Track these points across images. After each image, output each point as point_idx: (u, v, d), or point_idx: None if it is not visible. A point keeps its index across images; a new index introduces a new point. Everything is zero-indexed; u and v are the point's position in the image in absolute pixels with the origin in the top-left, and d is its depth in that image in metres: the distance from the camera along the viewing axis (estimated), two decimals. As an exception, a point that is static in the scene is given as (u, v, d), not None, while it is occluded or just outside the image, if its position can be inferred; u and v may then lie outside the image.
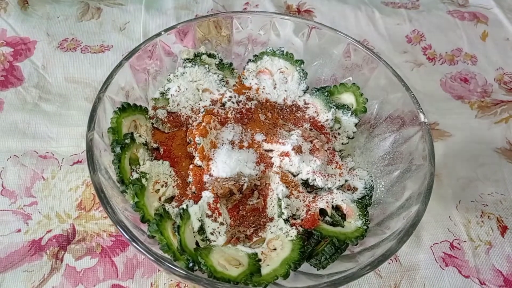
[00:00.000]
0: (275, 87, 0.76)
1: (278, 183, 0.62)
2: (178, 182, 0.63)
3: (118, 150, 0.59)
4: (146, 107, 0.70)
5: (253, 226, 0.60)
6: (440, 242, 0.75)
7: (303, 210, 0.61)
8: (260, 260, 0.54)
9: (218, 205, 0.58)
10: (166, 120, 0.69)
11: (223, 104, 0.71)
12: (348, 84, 0.75)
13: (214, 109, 0.69)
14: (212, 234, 0.56)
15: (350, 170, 0.69)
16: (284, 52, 0.77)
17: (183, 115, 0.70)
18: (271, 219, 0.61)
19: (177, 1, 1.08)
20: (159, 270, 0.67)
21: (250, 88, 0.75)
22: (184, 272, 0.48)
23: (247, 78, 0.77)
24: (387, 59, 0.74)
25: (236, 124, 0.68)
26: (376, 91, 0.74)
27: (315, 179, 0.63)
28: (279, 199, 0.60)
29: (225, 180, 0.60)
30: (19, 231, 0.69)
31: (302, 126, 0.72)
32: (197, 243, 0.55)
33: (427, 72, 1.03)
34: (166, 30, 0.73)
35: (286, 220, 0.59)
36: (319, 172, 0.63)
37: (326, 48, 0.79)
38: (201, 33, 0.79)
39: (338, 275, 0.51)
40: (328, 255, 0.56)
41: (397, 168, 0.67)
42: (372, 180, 0.67)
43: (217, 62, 0.77)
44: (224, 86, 0.74)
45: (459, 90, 1.00)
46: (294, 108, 0.75)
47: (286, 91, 0.76)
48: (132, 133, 0.62)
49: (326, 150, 0.68)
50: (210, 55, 0.77)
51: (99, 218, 0.71)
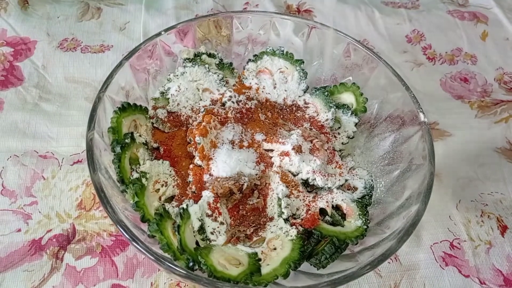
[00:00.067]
0: (275, 87, 0.76)
1: (278, 182, 0.62)
2: (178, 181, 0.63)
3: (118, 149, 0.59)
4: (146, 107, 0.70)
5: (253, 225, 0.60)
6: (440, 242, 0.75)
7: (303, 210, 0.61)
8: (260, 259, 0.54)
9: (218, 204, 0.58)
10: (166, 119, 0.69)
11: (223, 104, 0.71)
12: (348, 84, 0.75)
13: (214, 108, 0.69)
14: (212, 233, 0.56)
15: (350, 169, 0.69)
16: (284, 52, 0.77)
17: (183, 115, 0.70)
18: (271, 219, 0.61)
19: (177, 1, 1.08)
20: (159, 270, 0.67)
21: (250, 87, 0.75)
22: (184, 272, 0.48)
23: (247, 77, 0.77)
24: (387, 59, 0.74)
25: (236, 124, 0.68)
26: (376, 90, 0.74)
27: (315, 179, 0.63)
28: (279, 199, 0.60)
29: (225, 180, 0.60)
30: (19, 230, 0.69)
31: (302, 125, 0.72)
32: (197, 243, 0.55)
33: (427, 72, 1.02)
34: (166, 30, 0.73)
35: (286, 220, 0.59)
36: (319, 172, 0.63)
37: (326, 48, 0.79)
38: (201, 33, 0.79)
39: (338, 275, 0.51)
40: (328, 255, 0.56)
41: (397, 168, 0.67)
42: (372, 180, 0.67)
43: (217, 62, 0.77)
44: (224, 85, 0.74)
45: (459, 90, 1.00)
46: (294, 108, 0.75)
47: (286, 90, 0.76)
48: (132, 132, 0.62)
49: (326, 150, 0.68)
50: (210, 55, 0.77)
51: (99, 217, 0.71)
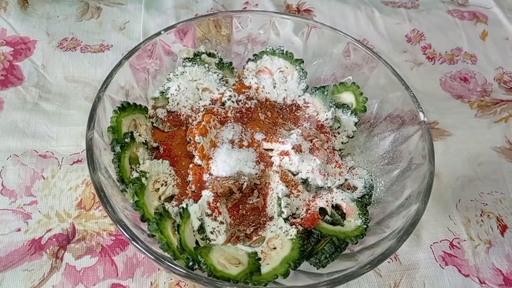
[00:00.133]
0: (274, 86, 0.76)
1: (278, 182, 0.62)
2: (178, 181, 0.63)
3: (118, 149, 0.59)
4: (146, 106, 0.70)
5: (253, 225, 0.60)
6: (440, 241, 0.75)
7: (303, 209, 0.61)
8: (260, 259, 0.54)
9: (218, 204, 0.58)
10: (166, 119, 0.69)
11: (223, 103, 0.71)
12: (348, 83, 0.75)
13: (214, 108, 0.69)
14: (212, 233, 0.56)
15: (350, 169, 0.69)
16: (284, 52, 0.77)
17: (183, 114, 0.70)
18: (271, 218, 0.61)
19: (177, 0, 1.08)
20: (159, 269, 0.67)
21: (250, 87, 0.75)
22: (184, 271, 0.48)
23: (246, 77, 0.77)
24: (387, 58, 0.74)
25: (236, 123, 0.68)
26: (375, 90, 0.74)
27: (315, 178, 0.63)
28: (279, 198, 0.60)
29: (225, 179, 0.60)
30: (19, 230, 0.69)
31: (302, 125, 0.72)
32: (197, 242, 0.55)
33: (427, 72, 1.02)
34: (166, 30, 0.73)
35: (286, 219, 0.59)
36: (319, 171, 0.63)
37: (325, 48, 0.79)
38: (201, 32, 0.79)
39: (338, 274, 0.51)
40: (328, 254, 0.56)
41: (396, 167, 0.67)
42: (371, 179, 0.67)
43: (217, 61, 0.77)
44: (224, 85, 0.74)
45: (459, 89, 1.00)
46: (294, 107, 0.75)
47: (285, 90, 0.76)
48: (132, 132, 0.62)
49: (325, 149, 0.68)
50: (210, 54, 0.77)
51: (99, 217, 0.71)
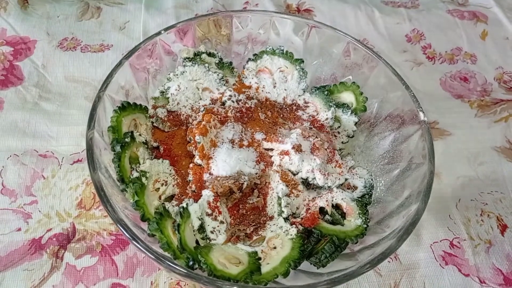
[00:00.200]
0: (275, 86, 0.76)
1: (278, 181, 0.62)
2: (178, 180, 0.63)
3: (118, 148, 0.59)
4: (146, 106, 0.70)
5: (253, 224, 0.60)
6: (440, 241, 0.75)
7: (303, 209, 0.61)
8: (260, 258, 0.54)
9: (218, 203, 0.58)
10: (166, 119, 0.69)
11: (223, 103, 0.71)
12: (348, 83, 0.75)
13: (214, 108, 0.69)
14: (212, 232, 0.56)
15: (350, 168, 0.69)
16: (284, 51, 0.77)
17: (183, 114, 0.70)
18: (271, 218, 0.61)
19: (177, 0, 1.08)
20: (159, 269, 0.67)
21: (250, 87, 0.75)
22: (184, 271, 0.48)
23: (247, 77, 0.77)
24: (387, 58, 0.74)
25: (236, 123, 0.68)
26: (375, 90, 0.74)
27: (315, 178, 0.63)
28: (279, 198, 0.60)
29: (225, 179, 0.60)
30: (19, 230, 0.69)
31: (302, 125, 0.72)
32: (197, 242, 0.55)
33: (427, 71, 1.03)
34: (166, 29, 0.73)
35: (286, 219, 0.59)
36: (319, 171, 0.63)
37: (326, 47, 0.79)
38: (201, 32, 0.79)
39: (338, 273, 0.51)
40: (328, 254, 0.56)
41: (397, 167, 0.67)
42: (372, 179, 0.67)
43: (217, 61, 0.77)
44: (224, 85, 0.74)
45: (459, 89, 1.00)
46: (294, 107, 0.75)
47: (286, 90, 0.76)
48: (132, 132, 0.62)
49: (326, 149, 0.68)
50: (210, 54, 0.77)
51: (99, 217, 0.71)
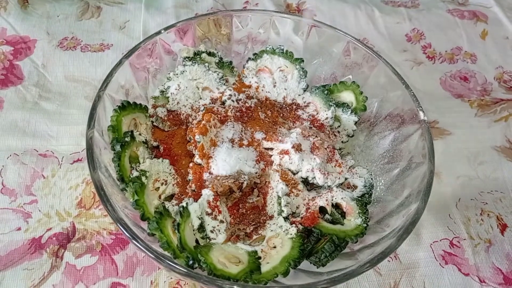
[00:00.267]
0: (275, 86, 0.76)
1: (278, 181, 0.62)
2: (178, 180, 0.63)
3: (118, 148, 0.59)
4: (146, 106, 0.70)
5: (253, 224, 0.60)
6: (440, 240, 0.75)
7: (303, 208, 0.61)
8: (260, 258, 0.54)
9: (218, 203, 0.58)
10: (166, 118, 0.69)
11: (223, 103, 0.71)
12: (348, 83, 0.75)
13: (214, 107, 0.69)
14: (212, 232, 0.56)
15: (350, 168, 0.69)
16: (284, 51, 0.77)
17: (183, 114, 0.70)
18: (271, 217, 0.61)
19: (177, -1, 1.08)
20: (159, 268, 0.67)
21: (250, 86, 0.75)
22: (184, 270, 0.48)
23: (247, 76, 0.77)
24: (387, 57, 0.74)
25: (236, 122, 0.68)
26: (375, 89, 0.74)
27: (314, 177, 0.63)
28: (279, 197, 0.60)
29: (225, 178, 0.60)
30: (19, 229, 0.69)
31: (302, 124, 0.72)
32: (197, 241, 0.55)
33: (427, 71, 1.02)
34: (166, 29, 0.73)
35: (286, 218, 0.59)
36: (319, 170, 0.63)
37: (325, 47, 0.79)
38: (201, 31, 0.79)
39: (338, 273, 0.51)
40: (328, 253, 0.56)
41: (396, 166, 0.67)
42: (371, 178, 0.67)
43: (217, 61, 0.77)
44: (224, 84, 0.74)
45: (459, 88, 1.00)
46: (294, 107, 0.75)
47: (286, 89, 0.76)
48: (132, 131, 0.62)
49: (326, 148, 0.68)
50: (210, 54, 0.77)
51: (99, 216, 0.71)
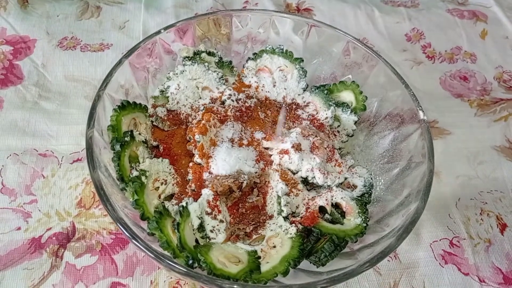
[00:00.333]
0: (274, 85, 0.76)
1: (278, 180, 0.62)
2: (178, 179, 0.63)
3: (118, 147, 0.59)
4: (145, 105, 0.70)
5: (252, 223, 0.60)
6: (440, 240, 0.75)
7: (302, 208, 0.61)
8: (259, 257, 0.54)
9: (218, 202, 0.58)
10: (165, 118, 0.69)
11: (223, 102, 0.71)
12: (348, 82, 0.75)
13: (213, 107, 0.69)
14: (211, 231, 0.56)
15: (349, 168, 0.69)
16: (284, 50, 0.77)
17: (183, 113, 0.70)
18: (271, 217, 0.61)
19: (176, -1, 1.08)
20: (159, 268, 0.67)
21: (249, 86, 0.75)
22: (184, 269, 0.48)
23: (246, 76, 0.77)
24: (387, 57, 0.74)
25: (235, 122, 0.68)
26: (375, 89, 0.74)
27: (314, 177, 0.63)
28: (279, 197, 0.60)
29: (224, 178, 0.60)
30: (19, 229, 0.69)
31: (302, 124, 0.72)
32: (196, 241, 0.55)
33: (427, 71, 1.02)
34: (166, 28, 0.73)
35: (286, 218, 0.59)
36: (319, 170, 0.63)
37: (325, 46, 0.79)
38: (200, 31, 0.79)
39: (338, 272, 0.51)
40: (328, 253, 0.56)
41: (396, 166, 0.67)
42: (371, 178, 0.67)
43: (216, 60, 0.78)
44: (224, 84, 0.74)
45: (459, 88, 1.00)
46: (294, 106, 0.75)
47: (285, 89, 0.76)
48: (131, 131, 0.62)
49: (325, 148, 0.68)
50: (210, 53, 0.77)
51: (99, 216, 0.71)
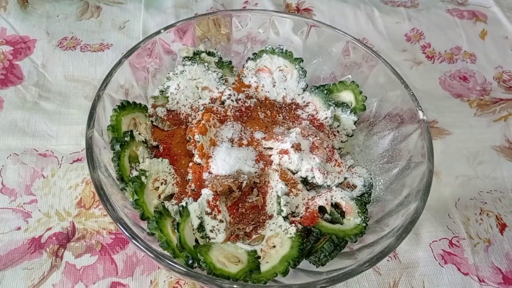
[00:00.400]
0: (274, 85, 0.76)
1: (277, 180, 0.62)
2: (178, 179, 0.63)
3: (118, 147, 0.59)
4: (145, 105, 0.70)
5: (252, 223, 0.60)
6: (439, 240, 0.75)
7: (302, 208, 0.61)
8: (259, 257, 0.54)
9: (218, 202, 0.58)
10: (165, 118, 0.69)
11: (223, 102, 0.71)
12: (347, 82, 0.75)
13: (213, 107, 0.69)
14: (211, 231, 0.56)
15: (349, 167, 0.69)
16: (283, 50, 0.77)
17: (183, 113, 0.70)
18: (271, 217, 0.61)
19: (176, -1, 1.08)
20: (158, 268, 0.67)
21: (249, 86, 0.75)
22: (184, 269, 0.48)
23: (246, 76, 0.77)
24: (386, 57, 0.74)
25: (235, 122, 0.68)
26: (375, 89, 0.74)
27: (314, 177, 0.63)
28: (278, 197, 0.60)
29: (224, 178, 0.60)
30: (19, 229, 0.69)
31: (301, 124, 0.72)
32: (196, 241, 0.55)
33: (426, 71, 1.03)
34: (166, 28, 0.73)
35: (286, 218, 0.59)
36: (318, 170, 0.63)
37: (325, 46, 0.79)
38: (200, 31, 0.79)
39: (337, 272, 0.51)
40: (327, 252, 0.56)
41: (396, 166, 0.67)
42: (371, 178, 0.67)
43: (216, 60, 0.78)
44: (224, 84, 0.74)
45: (458, 88, 1.00)
46: (293, 106, 0.75)
47: (285, 89, 0.76)
48: (131, 131, 0.62)
49: (325, 148, 0.68)
50: (210, 53, 0.77)
51: (98, 216, 0.71)
